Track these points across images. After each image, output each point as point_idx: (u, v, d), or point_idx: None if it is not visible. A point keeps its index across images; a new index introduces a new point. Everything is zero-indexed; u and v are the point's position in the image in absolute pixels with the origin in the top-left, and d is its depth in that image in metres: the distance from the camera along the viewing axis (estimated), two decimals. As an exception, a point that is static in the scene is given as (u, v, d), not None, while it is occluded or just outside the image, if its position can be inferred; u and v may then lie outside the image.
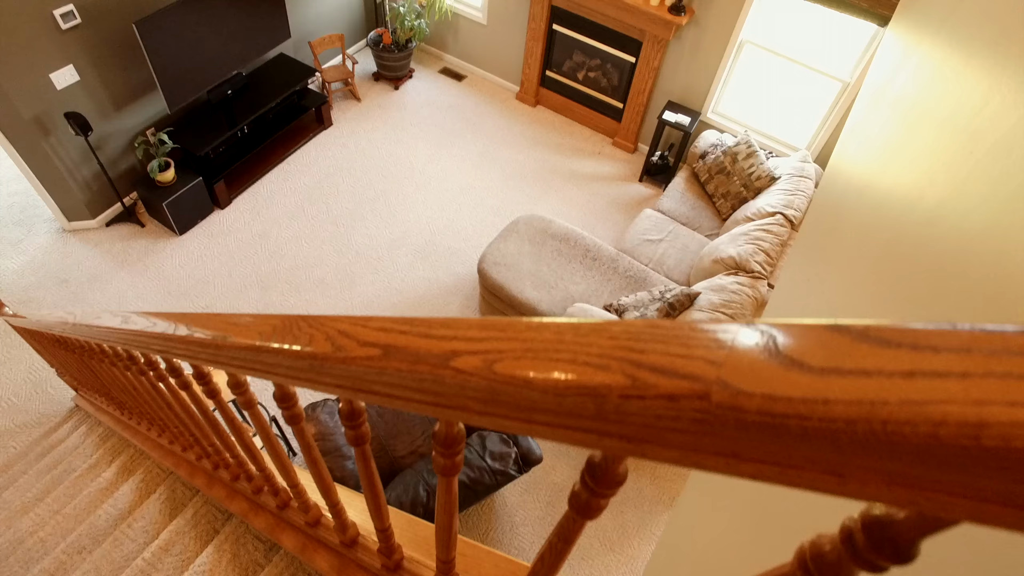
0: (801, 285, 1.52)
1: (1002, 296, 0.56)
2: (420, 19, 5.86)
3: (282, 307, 4.49)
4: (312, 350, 0.53)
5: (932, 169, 0.93)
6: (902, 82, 1.45)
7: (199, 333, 0.76)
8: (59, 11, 3.91)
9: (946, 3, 1.45)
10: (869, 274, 1.02)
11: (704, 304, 3.67)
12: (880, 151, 1.28)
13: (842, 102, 4.65)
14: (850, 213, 1.37)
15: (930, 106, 1.08)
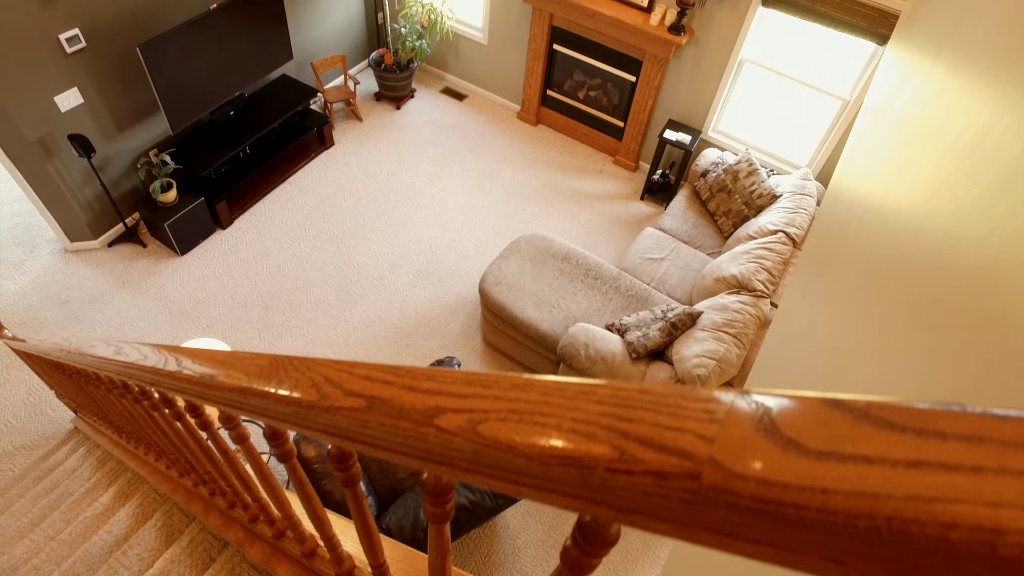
0: (804, 311, 1.50)
1: (1011, 337, 0.54)
2: (421, 40, 5.91)
3: (283, 327, 4.48)
4: (298, 396, 0.52)
5: (936, 196, 0.91)
6: (903, 102, 1.44)
7: (188, 370, 0.75)
8: (65, 35, 3.94)
9: (947, 24, 1.45)
10: (873, 303, 1.00)
11: (706, 323, 3.64)
12: (882, 173, 1.26)
13: (842, 120, 4.65)
14: (853, 236, 1.35)
15: (932, 130, 1.07)
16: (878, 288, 0.99)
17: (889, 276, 0.95)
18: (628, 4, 4.96)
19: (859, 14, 4.13)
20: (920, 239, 0.89)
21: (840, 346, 1.11)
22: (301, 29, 5.61)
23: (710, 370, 3.38)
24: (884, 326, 0.93)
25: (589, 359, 3.67)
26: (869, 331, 0.97)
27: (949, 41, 1.32)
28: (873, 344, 0.94)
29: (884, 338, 0.91)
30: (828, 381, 1.14)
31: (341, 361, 0.52)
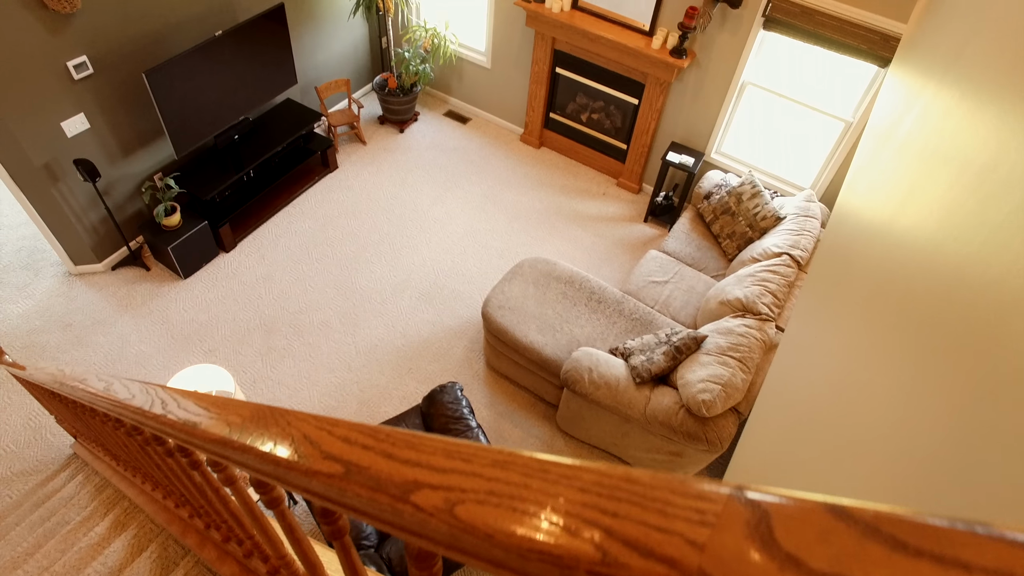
0: (812, 339, 1.47)
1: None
2: (425, 64, 5.95)
3: (285, 351, 4.45)
4: (277, 455, 0.49)
5: (948, 224, 0.88)
6: (909, 126, 1.42)
7: (172, 415, 0.72)
8: (73, 62, 3.98)
9: (950, 49, 1.44)
10: (884, 334, 0.97)
11: (711, 347, 3.60)
12: (890, 198, 1.23)
13: (845, 141, 4.64)
14: (861, 262, 1.32)
15: (940, 155, 1.05)
16: (889, 319, 0.96)
17: (901, 307, 0.92)
18: (630, 28, 4.99)
19: (860, 37, 4.14)
20: (934, 269, 0.86)
21: (849, 378, 1.08)
22: (305, 54, 5.66)
23: (715, 395, 3.34)
24: (896, 359, 0.90)
25: (593, 384, 3.63)
26: (880, 363, 0.94)
27: (954, 66, 1.30)
28: (884, 377, 0.91)
29: (896, 372, 0.88)
30: (836, 416, 1.11)
31: (322, 418, 0.50)
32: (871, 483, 0.86)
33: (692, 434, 3.41)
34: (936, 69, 1.48)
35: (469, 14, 5.94)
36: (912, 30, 3.15)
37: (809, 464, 1.19)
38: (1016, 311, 0.61)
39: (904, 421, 0.81)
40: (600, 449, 4.12)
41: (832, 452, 1.09)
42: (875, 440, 0.89)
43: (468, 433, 3.44)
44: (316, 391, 4.26)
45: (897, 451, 0.81)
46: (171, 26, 4.43)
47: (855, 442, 0.97)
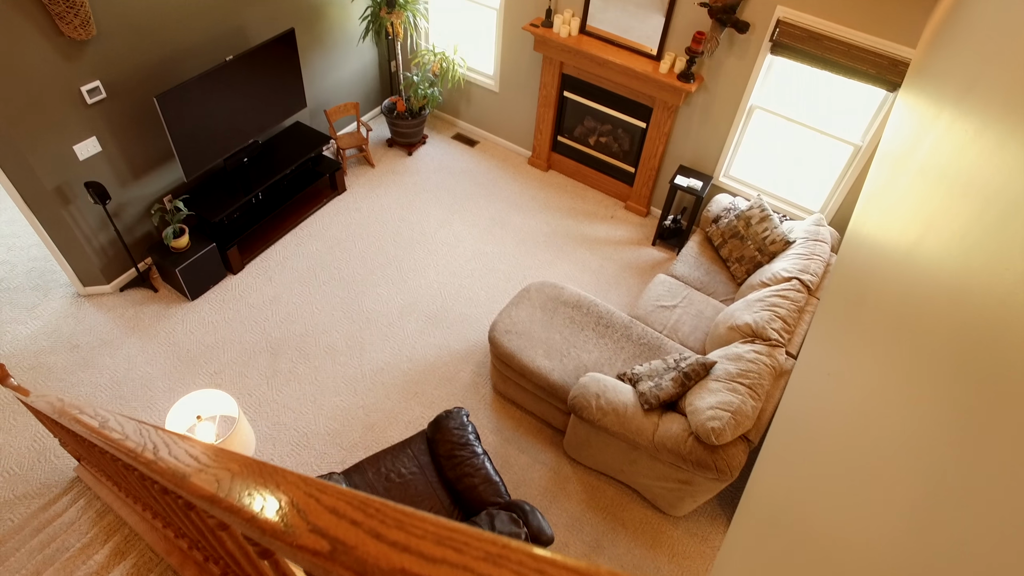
0: (823, 380, 1.43)
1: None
2: (433, 87, 5.99)
3: (291, 374, 4.44)
4: (263, 521, 0.47)
5: (976, 257, 0.85)
6: (925, 153, 1.40)
7: (163, 462, 0.70)
8: (87, 87, 4.03)
9: (965, 76, 1.41)
10: (907, 369, 0.93)
11: (720, 374, 3.56)
12: (909, 226, 1.20)
13: (855, 165, 4.62)
14: (879, 291, 1.29)
15: (963, 184, 1.02)
16: (913, 353, 0.93)
17: (926, 341, 0.89)
18: (637, 52, 5.01)
19: (868, 61, 4.13)
20: (962, 304, 0.82)
21: (869, 412, 1.05)
22: (315, 78, 5.72)
23: (724, 423, 3.29)
24: (921, 396, 0.86)
25: (600, 410, 3.58)
26: (903, 399, 0.91)
27: (969, 95, 1.28)
28: (908, 414, 0.88)
29: (921, 409, 0.85)
30: (856, 450, 1.07)
31: (311, 482, 0.48)
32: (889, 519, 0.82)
33: (701, 462, 3.36)
34: (949, 97, 1.46)
35: (477, 38, 5.99)
36: (921, 56, 3.14)
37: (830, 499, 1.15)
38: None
39: (929, 459, 0.78)
40: (608, 476, 4.06)
41: (851, 487, 1.05)
42: (896, 476, 0.85)
43: (474, 459, 3.40)
44: (321, 415, 4.23)
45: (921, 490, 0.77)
46: (183, 51, 4.49)
47: (875, 477, 0.93)
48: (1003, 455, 0.58)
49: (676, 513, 3.90)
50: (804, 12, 4.19)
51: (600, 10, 4.98)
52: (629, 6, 4.83)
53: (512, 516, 3.02)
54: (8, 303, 4.73)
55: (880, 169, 2.34)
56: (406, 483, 3.41)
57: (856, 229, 2.29)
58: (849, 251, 2.30)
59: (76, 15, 3.70)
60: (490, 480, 3.34)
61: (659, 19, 4.76)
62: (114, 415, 1.03)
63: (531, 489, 3.97)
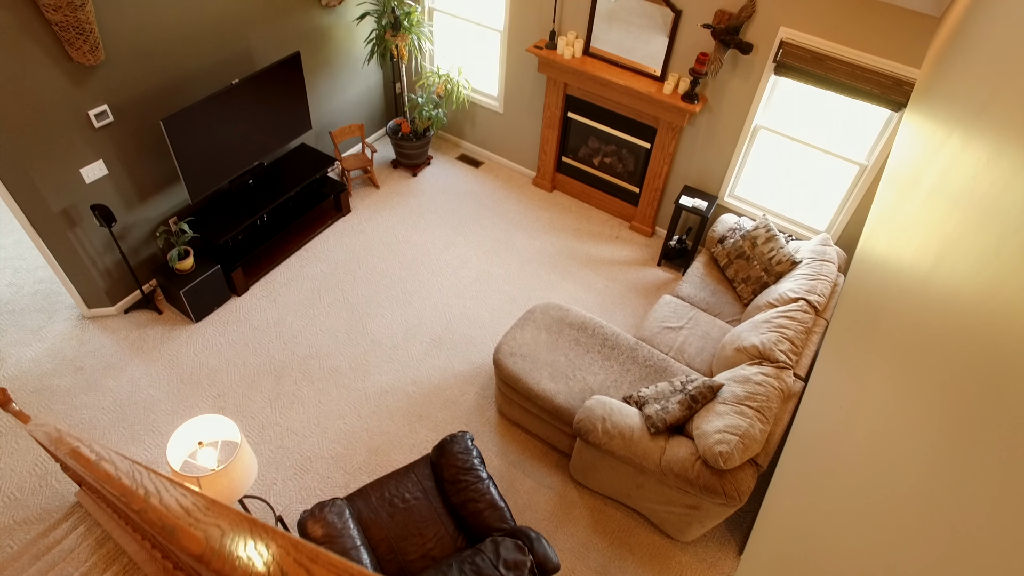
0: (836, 410, 1.40)
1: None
2: (438, 109, 6.02)
3: (294, 397, 4.41)
4: (251, 579, 0.44)
5: (1004, 284, 0.82)
6: (938, 174, 1.37)
7: (153, 510, 0.68)
8: (94, 111, 4.06)
9: (978, 97, 1.39)
10: (928, 400, 0.90)
11: (728, 396, 3.51)
12: (926, 249, 1.16)
13: (861, 185, 4.60)
14: (892, 318, 1.25)
15: (980, 211, 0.99)
16: (934, 384, 0.89)
17: (948, 371, 0.86)
18: (641, 73, 5.03)
19: (872, 81, 4.13)
20: (986, 335, 0.79)
21: (887, 445, 1.01)
22: (320, 100, 5.75)
23: (732, 446, 3.23)
24: (943, 431, 0.83)
25: (606, 434, 3.53)
26: (923, 434, 0.88)
27: (982, 116, 1.26)
28: (928, 448, 0.84)
29: (943, 444, 0.82)
30: (874, 486, 1.04)
31: (302, 547, 0.45)
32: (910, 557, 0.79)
33: (709, 487, 3.30)
34: (959, 118, 1.44)
35: (482, 60, 6.04)
36: (927, 76, 3.13)
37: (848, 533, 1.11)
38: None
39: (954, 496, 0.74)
40: (614, 500, 4.00)
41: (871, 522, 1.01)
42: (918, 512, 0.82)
43: (479, 484, 3.35)
44: (325, 438, 4.20)
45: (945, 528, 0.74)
46: (189, 75, 4.52)
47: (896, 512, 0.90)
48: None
49: (684, 538, 3.83)
50: (807, 33, 4.20)
51: (604, 31, 5.01)
52: (632, 28, 4.86)
53: (517, 543, 2.97)
54: (13, 325, 4.73)
55: (889, 190, 2.32)
56: (410, 508, 3.36)
57: (866, 251, 2.26)
58: (859, 274, 2.27)
59: (85, 41, 3.74)
60: (495, 505, 3.29)
61: (663, 40, 4.78)
62: (110, 452, 1.00)
63: (537, 514, 3.91)
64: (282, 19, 5.02)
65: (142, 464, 0.86)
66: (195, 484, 2.45)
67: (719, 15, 4.42)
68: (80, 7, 3.59)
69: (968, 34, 2.08)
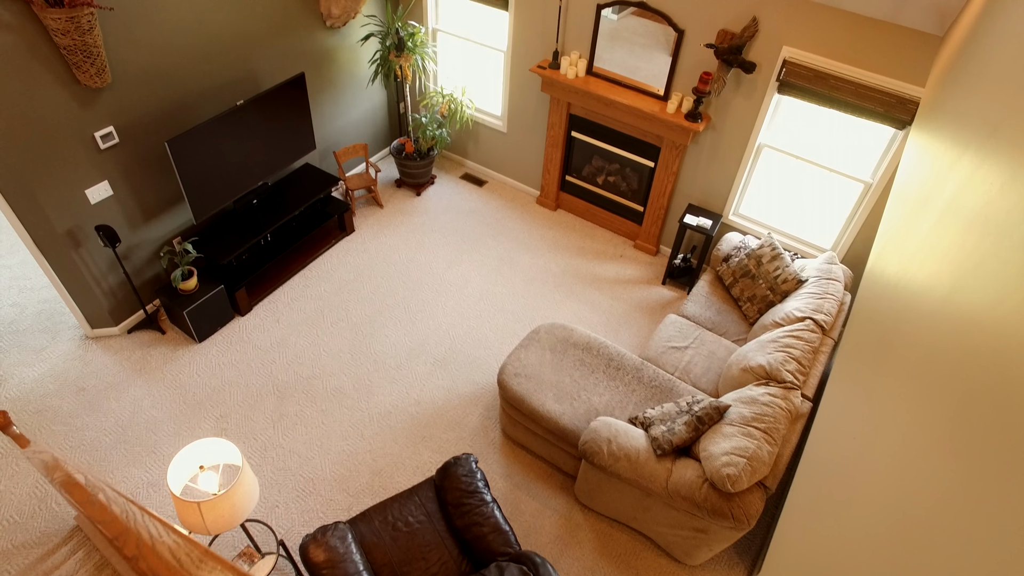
0: (850, 439, 1.36)
1: None
2: (442, 128, 6.05)
3: (297, 417, 4.37)
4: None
5: (1020, 317, 0.80)
6: (949, 196, 1.35)
7: (145, 559, 0.65)
8: (100, 133, 4.08)
9: (984, 121, 1.37)
10: (948, 433, 0.87)
11: (734, 417, 3.47)
12: (943, 271, 1.13)
13: (867, 202, 4.58)
14: (909, 342, 1.22)
15: (995, 235, 0.96)
16: (956, 412, 0.86)
17: (972, 399, 0.83)
18: (645, 93, 5.04)
19: (875, 100, 4.13)
20: (1013, 363, 0.77)
21: (906, 473, 0.98)
22: (325, 120, 5.78)
23: (740, 469, 3.19)
24: (968, 461, 0.80)
25: (612, 456, 3.49)
26: (945, 463, 0.84)
27: (995, 137, 1.24)
28: (951, 476, 0.81)
29: (966, 473, 0.79)
30: (893, 516, 1.00)
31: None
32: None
33: (717, 510, 3.25)
34: (970, 139, 1.42)
35: (485, 80, 6.07)
36: (932, 95, 3.13)
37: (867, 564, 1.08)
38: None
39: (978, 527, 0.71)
40: (621, 523, 3.94)
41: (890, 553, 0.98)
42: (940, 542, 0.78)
43: (483, 508, 3.30)
44: (328, 460, 4.15)
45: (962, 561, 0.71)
46: (194, 96, 4.55)
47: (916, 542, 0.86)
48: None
49: (692, 562, 3.76)
50: (810, 52, 4.21)
51: (607, 51, 5.04)
52: (635, 47, 4.88)
53: (522, 569, 2.92)
54: (17, 345, 4.72)
55: (897, 210, 2.29)
56: (413, 532, 3.31)
57: (875, 271, 2.24)
58: (869, 294, 2.24)
59: (92, 64, 3.76)
60: (499, 529, 3.24)
61: (666, 60, 4.80)
62: (105, 488, 0.97)
63: (542, 537, 3.85)
64: (287, 40, 5.06)
65: (137, 504, 0.83)
66: (196, 509, 2.42)
67: (722, 35, 4.44)
68: (88, 31, 3.62)
69: (974, 53, 2.07)
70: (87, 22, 3.59)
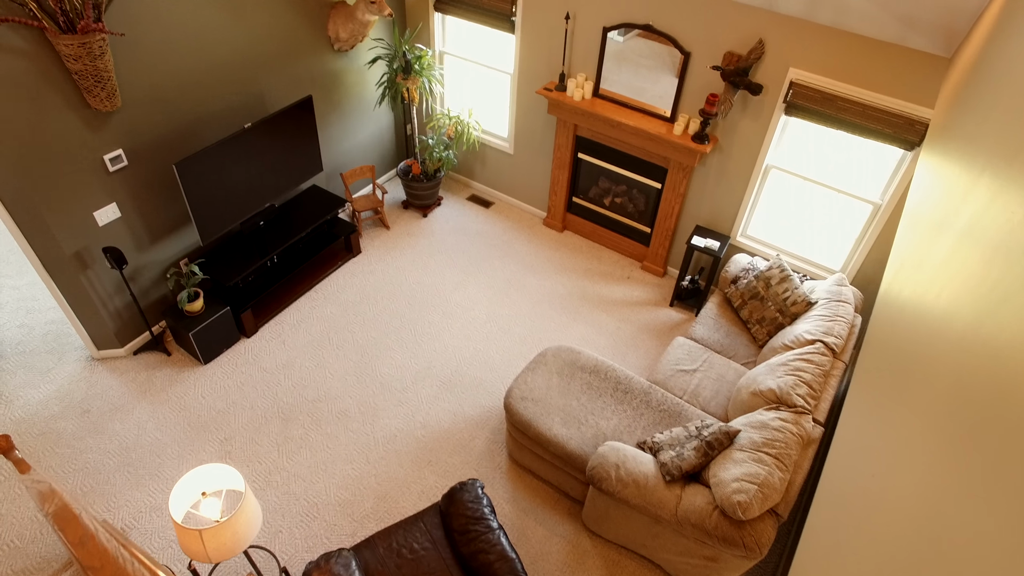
0: (868, 479, 1.32)
1: None
2: (448, 150, 6.07)
3: (302, 441, 4.33)
4: None
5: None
6: (968, 220, 1.31)
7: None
8: (109, 155, 4.10)
9: (1005, 142, 1.35)
10: (981, 472, 0.82)
11: (745, 443, 3.41)
12: (967, 297, 1.09)
13: (876, 223, 4.54)
14: (931, 372, 1.18)
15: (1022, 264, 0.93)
16: (990, 452, 0.82)
17: (1009, 438, 0.79)
18: (651, 114, 5.05)
19: (883, 121, 4.11)
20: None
21: (935, 513, 0.94)
22: (332, 142, 5.81)
23: (751, 496, 3.12)
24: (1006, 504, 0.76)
25: (620, 481, 3.43)
26: (978, 505, 0.80)
27: (1016, 161, 1.21)
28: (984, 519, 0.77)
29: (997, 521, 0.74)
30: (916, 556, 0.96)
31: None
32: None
33: (728, 538, 3.17)
34: (987, 164, 1.39)
35: (492, 102, 6.10)
36: (942, 116, 3.10)
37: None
38: None
39: None
40: (630, 550, 3.86)
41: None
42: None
43: (489, 535, 3.24)
44: (332, 484, 4.10)
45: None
46: (203, 119, 4.58)
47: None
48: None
49: (703, 592, 3.67)
50: (817, 74, 4.21)
51: (613, 73, 5.05)
52: (642, 69, 4.90)
53: (529, 598, 2.85)
54: (23, 367, 4.71)
55: (911, 233, 2.26)
56: (418, 559, 3.25)
57: (890, 295, 2.20)
58: (883, 319, 2.19)
59: (103, 88, 3.80)
60: (506, 557, 3.18)
61: (672, 81, 4.80)
62: (89, 516, 0.94)
63: (549, 565, 3.78)
64: (295, 64, 5.11)
65: (130, 549, 0.80)
66: (197, 537, 2.38)
67: (728, 57, 4.45)
68: (99, 56, 3.65)
69: (986, 75, 2.05)
70: (98, 47, 3.62)
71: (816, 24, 4.05)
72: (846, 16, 3.86)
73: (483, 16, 5.45)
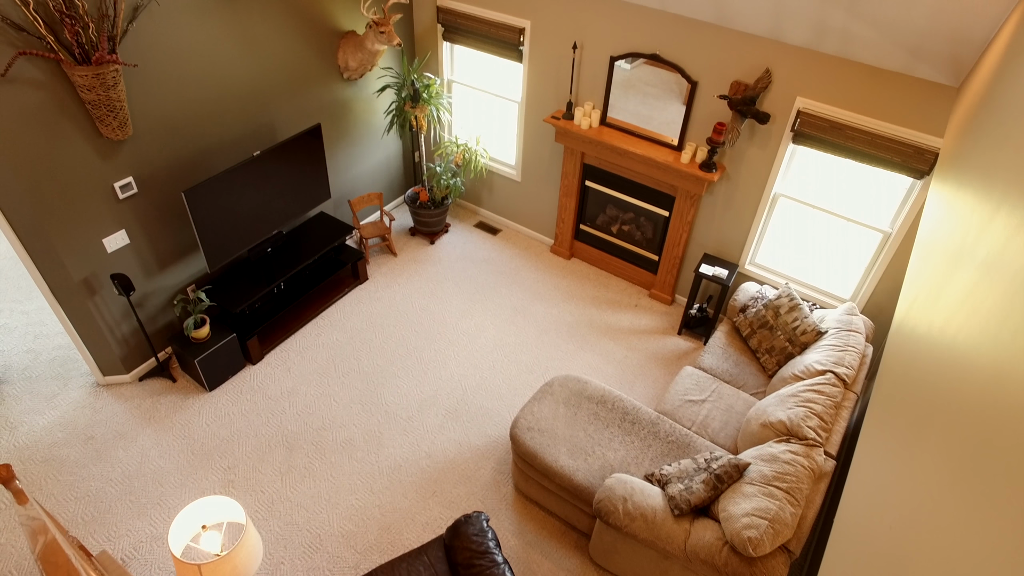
0: (884, 530, 1.27)
1: None
2: (456, 177, 6.09)
3: (306, 470, 4.28)
4: None
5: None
6: (989, 250, 1.28)
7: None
8: (119, 183, 4.14)
9: (1017, 175, 1.32)
10: (1011, 502, 0.78)
11: (755, 476, 3.34)
12: (990, 331, 1.04)
13: (886, 252, 4.50)
14: (952, 410, 1.13)
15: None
16: (1020, 503, 0.78)
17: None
18: (658, 143, 5.05)
19: (892, 150, 4.10)
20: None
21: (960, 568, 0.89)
22: (340, 169, 5.85)
23: (762, 532, 3.04)
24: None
25: (628, 515, 3.35)
26: (1006, 564, 0.76)
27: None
28: None
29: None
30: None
31: None
32: None
33: (738, 575, 3.09)
34: (1006, 195, 1.36)
35: (500, 129, 6.13)
36: (953, 145, 3.08)
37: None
38: None
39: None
40: (638, 586, 3.76)
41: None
42: None
43: (494, 569, 3.17)
44: (336, 514, 4.04)
45: None
46: (212, 147, 4.62)
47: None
48: None
49: (714, 630, 3.57)
50: (824, 103, 4.21)
51: (620, 101, 5.08)
52: (649, 98, 4.92)
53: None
54: (29, 392, 4.70)
55: (924, 263, 2.23)
56: (421, 595, 3.17)
57: (905, 328, 2.15)
58: (898, 352, 2.15)
59: (115, 117, 3.84)
60: (511, 593, 3.10)
61: (679, 110, 4.82)
62: (79, 556, 0.91)
63: (556, 600, 3.69)
64: (304, 92, 5.16)
65: None
66: (197, 572, 2.33)
67: (735, 86, 4.46)
68: (112, 86, 3.70)
69: (998, 105, 2.03)
70: (112, 78, 3.67)
71: (823, 53, 4.06)
72: (852, 46, 3.87)
73: (491, 45, 5.51)
